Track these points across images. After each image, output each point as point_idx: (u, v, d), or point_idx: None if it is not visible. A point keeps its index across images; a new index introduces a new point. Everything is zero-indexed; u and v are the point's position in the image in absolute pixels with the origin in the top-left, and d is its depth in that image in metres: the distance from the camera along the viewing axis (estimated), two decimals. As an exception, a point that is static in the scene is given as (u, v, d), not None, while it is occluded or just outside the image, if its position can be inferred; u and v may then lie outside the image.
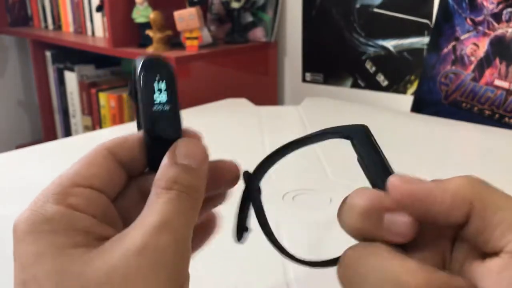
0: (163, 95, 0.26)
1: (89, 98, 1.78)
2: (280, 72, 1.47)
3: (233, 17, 1.42)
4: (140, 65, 0.26)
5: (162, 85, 0.26)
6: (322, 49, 1.33)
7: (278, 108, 1.18)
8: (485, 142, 0.87)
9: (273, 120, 0.95)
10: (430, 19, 1.11)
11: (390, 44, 1.20)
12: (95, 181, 0.25)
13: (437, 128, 0.94)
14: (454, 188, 0.22)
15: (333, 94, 1.32)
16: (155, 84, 0.26)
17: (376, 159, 0.25)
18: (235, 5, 1.38)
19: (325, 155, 0.74)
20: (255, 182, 0.27)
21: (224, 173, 0.27)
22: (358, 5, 1.23)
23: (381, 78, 1.23)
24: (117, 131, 1.08)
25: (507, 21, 0.96)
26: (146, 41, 1.38)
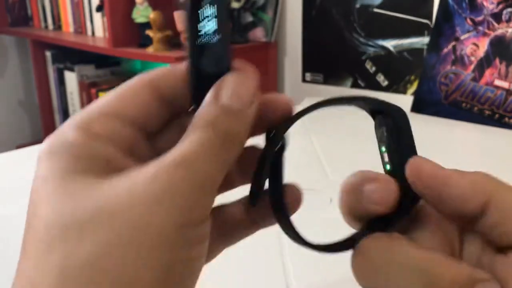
0: (211, 23, 0.22)
1: (89, 98, 1.78)
2: (280, 72, 1.47)
3: (233, 17, 1.42)
4: None
5: (210, 11, 0.22)
6: (322, 49, 1.33)
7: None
8: (485, 142, 0.87)
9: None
10: (430, 19, 1.11)
11: (390, 44, 1.20)
12: (126, 113, 0.22)
13: (437, 128, 0.94)
14: (473, 176, 0.22)
15: (333, 94, 1.32)
16: (201, 10, 0.22)
17: (409, 141, 0.24)
18: (235, 5, 1.38)
19: (325, 155, 0.74)
20: (277, 139, 0.24)
21: (276, 110, 0.24)
22: (358, 5, 1.23)
23: (381, 78, 1.23)
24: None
25: (507, 21, 0.96)
26: (146, 41, 1.38)
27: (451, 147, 0.84)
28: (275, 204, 0.25)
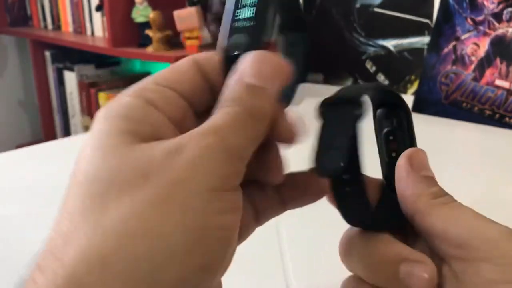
0: (249, 10, 0.22)
1: (89, 98, 1.77)
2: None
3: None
4: None
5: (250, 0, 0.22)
6: (322, 49, 1.33)
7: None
8: (485, 142, 0.87)
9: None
10: (431, 19, 1.11)
11: (390, 44, 1.20)
12: (179, 86, 0.23)
13: (438, 128, 0.94)
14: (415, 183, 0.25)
15: (333, 94, 1.32)
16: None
17: (413, 134, 0.27)
18: (235, 5, 1.38)
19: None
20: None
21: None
22: (358, 5, 1.23)
23: (381, 78, 1.23)
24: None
25: (508, 20, 0.96)
26: (146, 41, 1.38)
27: (452, 147, 0.84)
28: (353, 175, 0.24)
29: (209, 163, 0.20)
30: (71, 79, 1.85)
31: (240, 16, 0.23)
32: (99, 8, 1.65)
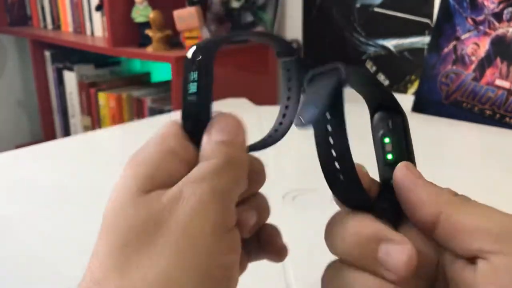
0: (194, 85, 0.26)
1: (89, 98, 1.77)
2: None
3: (233, 17, 1.42)
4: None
5: (195, 75, 0.26)
6: (322, 49, 1.33)
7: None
8: (485, 142, 0.87)
9: (273, 120, 0.94)
10: (431, 19, 1.11)
11: (391, 43, 1.20)
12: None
13: (438, 128, 0.94)
14: (433, 188, 0.25)
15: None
16: (190, 74, 0.26)
17: (409, 138, 0.27)
18: (235, 4, 1.38)
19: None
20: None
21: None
22: (358, 5, 1.23)
23: (381, 78, 1.23)
24: (116, 131, 1.08)
25: (508, 20, 0.96)
26: (145, 41, 1.38)
27: (452, 147, 0.84)
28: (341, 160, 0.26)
29: (208, 206, 0.23)
30: (71, 79, 1.85)
31: (190, 91, 0.26)
32: (99, 8, 1.65)
